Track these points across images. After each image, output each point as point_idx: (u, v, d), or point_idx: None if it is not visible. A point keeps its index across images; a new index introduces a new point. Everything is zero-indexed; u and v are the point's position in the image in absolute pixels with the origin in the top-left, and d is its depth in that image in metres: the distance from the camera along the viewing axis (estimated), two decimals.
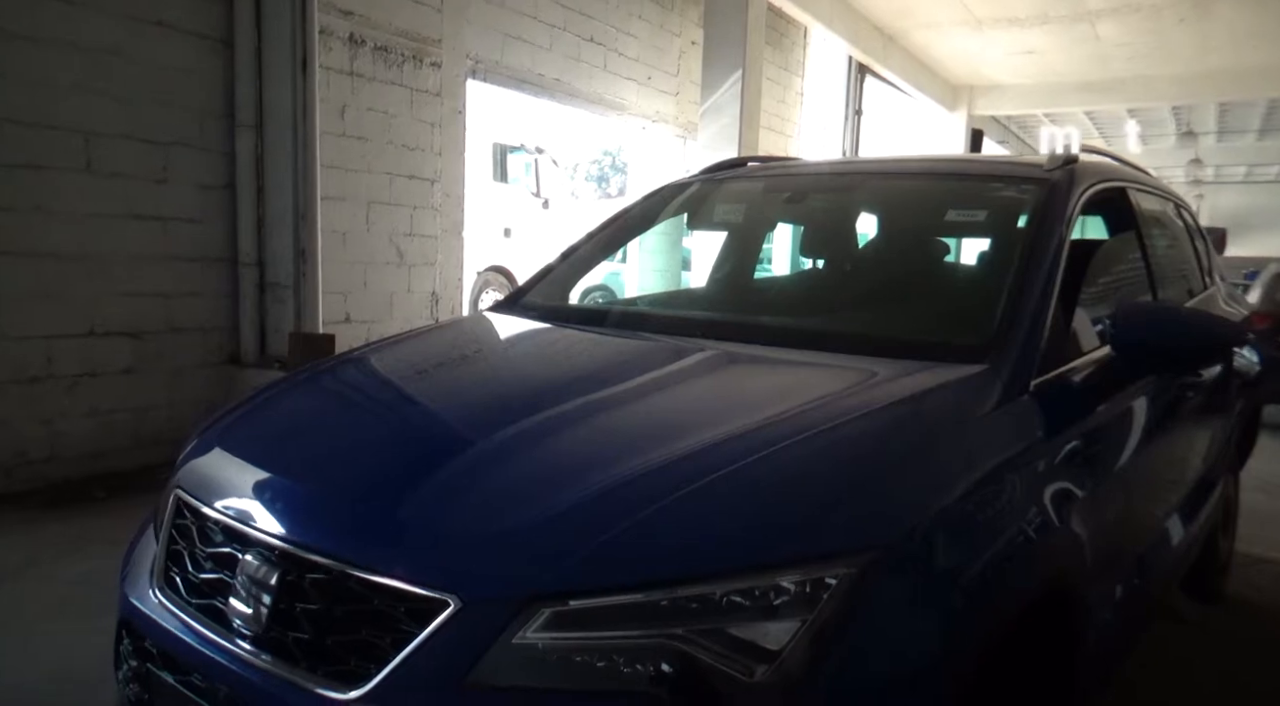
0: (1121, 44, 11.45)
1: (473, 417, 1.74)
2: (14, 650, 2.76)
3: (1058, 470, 1.71)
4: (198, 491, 1.64)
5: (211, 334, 5.09)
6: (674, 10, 8.79)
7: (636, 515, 1.30)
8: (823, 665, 1.20)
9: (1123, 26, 10.91)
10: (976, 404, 1.67)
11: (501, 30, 6.82)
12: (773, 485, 1.38)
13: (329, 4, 5.32)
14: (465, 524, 1.35)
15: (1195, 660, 3.09)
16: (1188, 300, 3.09)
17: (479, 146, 10.50)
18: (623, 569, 1.25)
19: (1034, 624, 1.57)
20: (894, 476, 1.43)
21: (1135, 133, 19.11)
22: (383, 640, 1.27)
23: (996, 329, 1.86)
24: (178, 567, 1.60)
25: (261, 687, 1.35)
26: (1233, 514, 3.77)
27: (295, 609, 1.36)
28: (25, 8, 4.12)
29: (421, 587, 1.27)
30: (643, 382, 1.87)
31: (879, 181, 2.80)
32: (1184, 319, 2.09)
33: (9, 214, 4.15)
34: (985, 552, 1.44)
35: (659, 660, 1.19)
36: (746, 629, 1.21)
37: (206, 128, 4.94)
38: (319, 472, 1.59)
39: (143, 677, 1.58)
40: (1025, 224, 2.16)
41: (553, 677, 1.21)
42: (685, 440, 1.48)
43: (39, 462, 4.37)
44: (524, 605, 1.23)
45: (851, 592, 1.24)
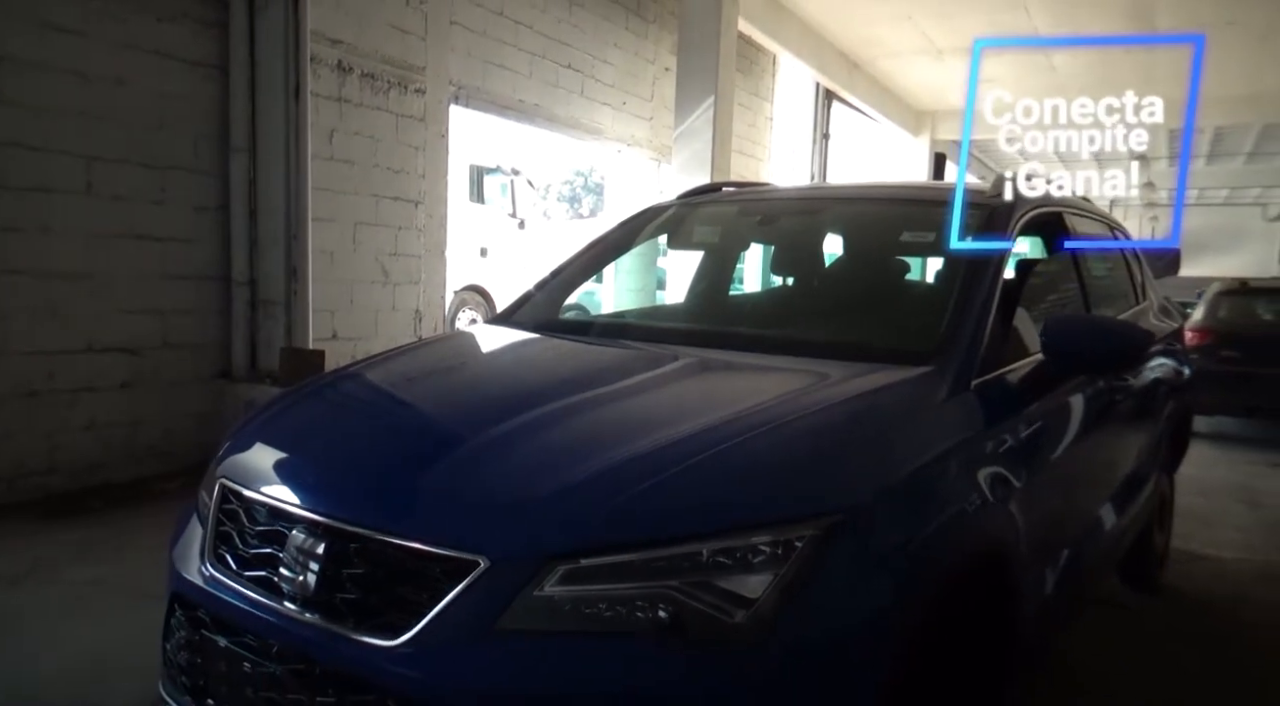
0: (1075, 74, 11.97)
1: (488, 409, 1.98)
2: (39, 644, 2.93)
3: (995, 456, 1.98)
4: (243, 480, 1.85)
5: (204, 350, 5.27)
6: (648, 38, 9.12)
7: (635, 488, 1.55)
8: (791, 610, 1.45)
9: (1075, 58, 11.42)
10: (923, 398, 1.94)
11: (483, 58, 7.08)
12: (749, 463, 1.63)
13: (318, 33, 5.55)
14: (490, 496, 1.60)
15: (1132, 643, 3.38)
16: (1120, 315, 3.40)
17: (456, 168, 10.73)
18: (625, 533, 1.49)
19: (976, 587, 1.84)
20: (852, 455, 1.70)
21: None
22: (420, 597, 1.50)
23: (942, 336, 2.15)
24: (227, 546, 1.82)
25: (313, 641, 1.57)
26: (1168, 511, 4.07)
27: (341, 574, 1.59)
28: (36, 38, 4.32)
29: (454, 550, 1.50)
30: (636, 381, 2.13)
31: (842, 206, 3.11)
32: (1103, 327, 2.40)
33: (17, 234, 4.33)
34: (930, 522, 1.71)
35: (657, 606, 1.44)
36: (729, 581, 1.46)
37: (201, 151, 5.15)
38: (356, 457, 1.82)
39: (195, 643, 1.79)
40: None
41: (568, 623, 1.45)
42: (674, 427, 1.73)
43: (39, 474, 4.52)
44: (543, 563, 1.46)
45: (815, 551, 1.49)
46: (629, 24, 8.82)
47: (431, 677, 1.44)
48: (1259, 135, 19.36)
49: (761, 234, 3.33)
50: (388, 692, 1.48)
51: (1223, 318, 8.65)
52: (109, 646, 2.92)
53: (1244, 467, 7.19)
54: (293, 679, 1.59)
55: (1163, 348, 3.62)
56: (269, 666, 1.63)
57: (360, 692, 1.51)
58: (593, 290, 10.94)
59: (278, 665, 1.61)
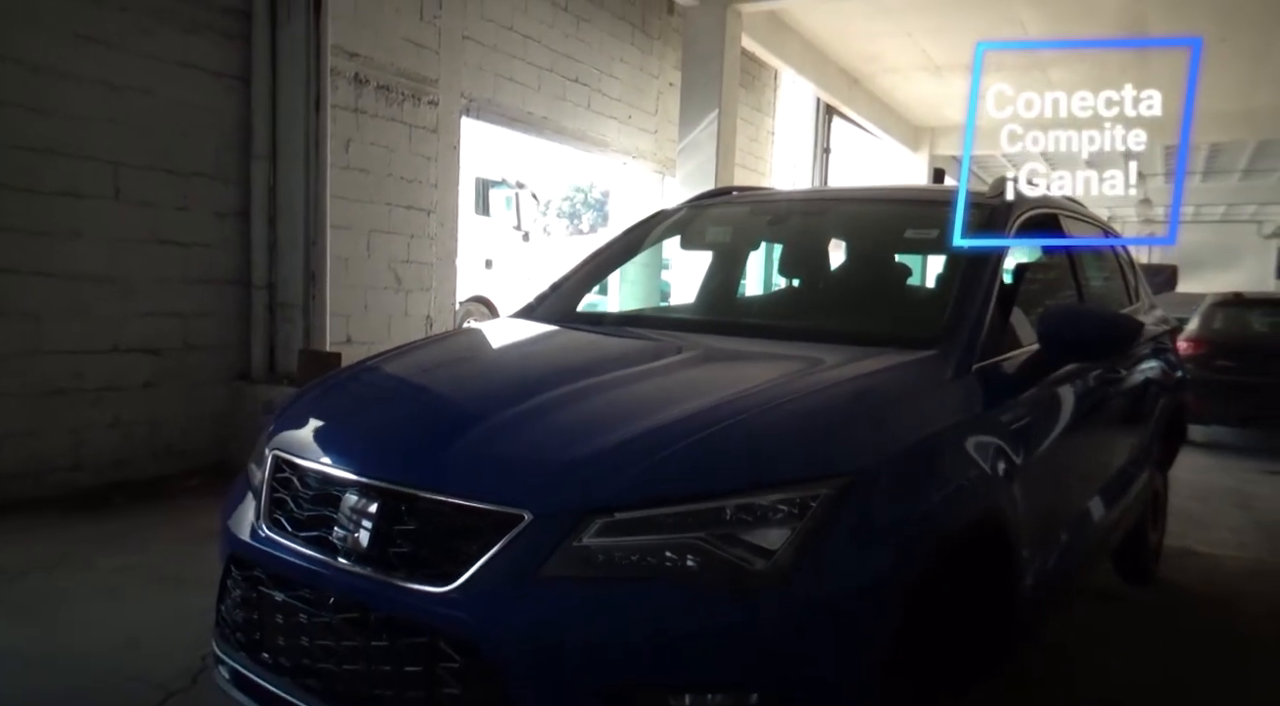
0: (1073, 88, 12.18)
1: (523, 384, 2.12)
2: (77, 622, 3.05)
3: (993, 434, 2.13)
4: (295, 451, 1.99)
5: (224, 352, 5.41)
6: (653, 54, 9.32)
7: (665, 451, 1.69)
8: (807, 561, 1.59)
9: (1072, 74, 11.62)
10: (927, 378, 2.09)
11: (494, 71, 7.27)
12: (768, 430, 1.78)
13: (337, 46, 5.72)
14: (532, 458, 1.74)
15: (1126, 630, 3.51)
16: None
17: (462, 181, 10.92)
18: (656, 489, 1.63)
19: (977, 553, 1.98)
20: (861, 425, 1.84)
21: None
22: (468, 548, 1.64)
23: (944, 323, 2.30)
24: (281, 511, 1.95)
25: (368, 590, 1.71)
26: (1162, 507, 4.21)
27: (392, 530, 1.73)
28: (70, 50, 4.49)
29: (500, 506, 1.64)
30: (660, 363, 2.28)
31: (849, 205, 3.27)
32: (1095, 316, 2.55)
33: (48, 238, 4.48)
34: (933, 488, 1.85)
35: (685, 556, 1.58)
36: (750, 534, 1.60)
37: (224, 159, 5.31)
38: (403, 427, 1.97)
39: (252, 601, 1.93)
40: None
41: (604, 570, 1.59)
42: (698, 400, 1.88)
43: (65, 470, 4.65)
44: (581, 517, 1.60)
45: (830, 508, 1.63)
46: (634, 40, 9.03)
47: (479, 618, 1.58)
48: (1254, 152, 19.60)
49: (771, 232, 3.48)
50: (438, 633, 1.61)
51: (1217, 328, 8.80)
52: (142, 625, 3.04)
53: (1238, 474, 7.32)
54: (348, 626, 1.72)
55: (1154, 347, 3.77)
56: (325, 616, 1.76)
57: (412, 635, 1.64)
58: (596, 302, 11.11)
59: (333, 614, 1.75)
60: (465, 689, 1.59)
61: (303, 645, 1.81)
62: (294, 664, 1.84)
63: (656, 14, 9.28)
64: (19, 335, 4.42)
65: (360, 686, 1.71)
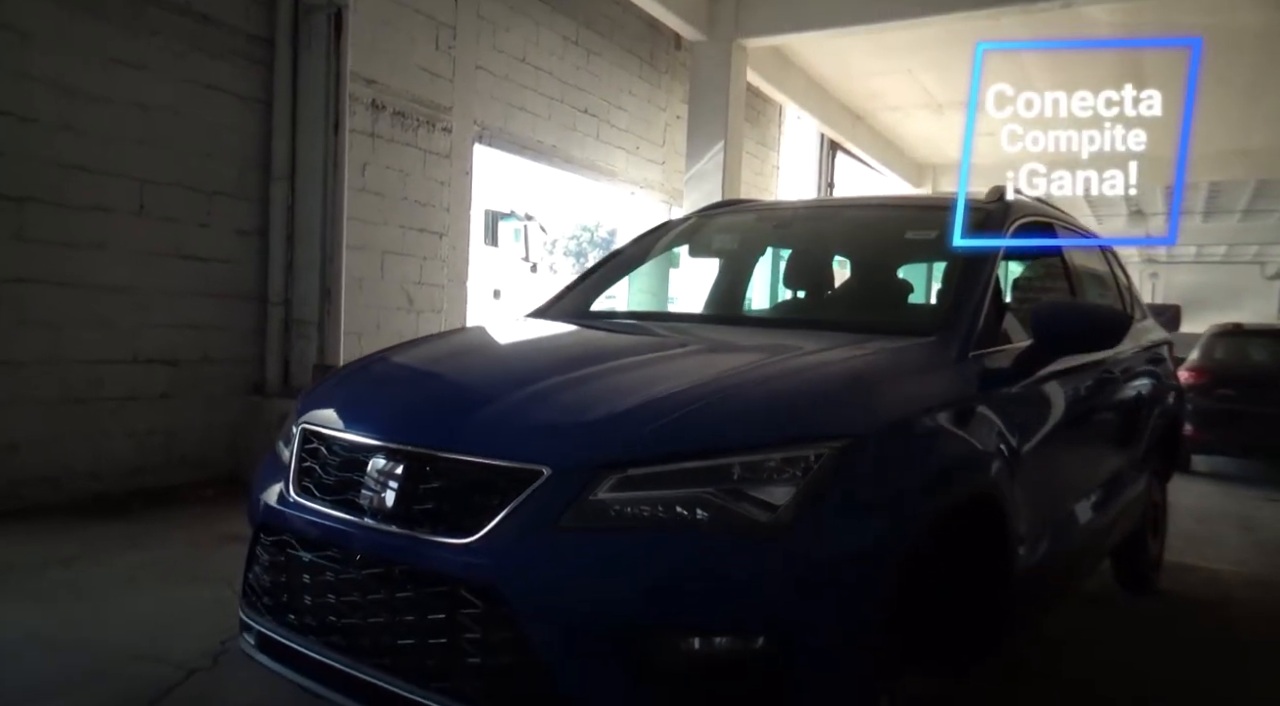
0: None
1: (540, 366, 2.24)
2: (100, 610, 3.13)
3: (988, 416, 2.23)
4: (324, 423, 2.10)
5: (240, 365, 5.53)
6: (660, 88, 9.56)
7: (676, 413, 1.80)
8: (809, 516, 1.68)
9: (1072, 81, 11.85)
10: (926, 359, 2.21)
11: (505, 100, 7.48)
12: (775, 396, 1.89)
13: (355, 73, 5.91)
14: (551, 420, 1.85)
15: (1126, 629, 3.57)
16: None
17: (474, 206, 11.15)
18: (668, 447, 1.73)
19: (973, 525, 2.07)
20: (861, 395, 1.95)
21: (1089, 211, 20.20)
22: (489, 503, 1.73)
23: (943, 314, 2.41)
24: (309, 479, 2.05)
25: (393, 545, 1.80)
26: (1162, 518, 4.27)
27: (417, 490, 1.82)
28: (103, 73, 4.67)
29: (521, 463, 1.74)
30: (673, 350, 2.41)
31: (855, 211, 3.40)
32: (1084, 309, 2.67)
33: (75, 250, 4.62)
34: (929, 456, 1.96)
35: (695, 508, 1.67)
36: (756, 489, 1.70)
37: (245, 178, 5.48)
38: (428, 398, 2.09)
39: (280, 564, 2.02)
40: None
41: (618, 522, 1.68)
42: (709, 373, 1.99)
43: (84, 477, 4.74)
44: (597, 472, 1.70)
45: (831, 468, 1.73)
46: (642, 73, 9.27)
47: (499, 565, 1.67)
48: (1253, 192, 19.79)
49: (778, 236, 3.61)
50: (460, 581, 1.70)
51: (1218, 358, 8.89)
52: (161, 614, 3.12)
53: (1241, 501, 7.37)
54: (373, 580, 1.81)
55: (1150, 357, 3.87)
56: (351, 572, 1.85)
57: (435, 585, 1.73)
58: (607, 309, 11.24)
59: (359, 570, 1.84)
60: (485, 632, 1.67)
61: (328, 603, 1.90)
62: (319, 622, 1.92)
63: (664, 49, 9.54)
64: (44, 344, 4.54)
65: (383, 638, 1.79)
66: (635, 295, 9.05)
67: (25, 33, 4.35)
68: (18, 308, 4.43)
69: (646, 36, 9.23)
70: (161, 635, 2.88)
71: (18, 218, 4.40)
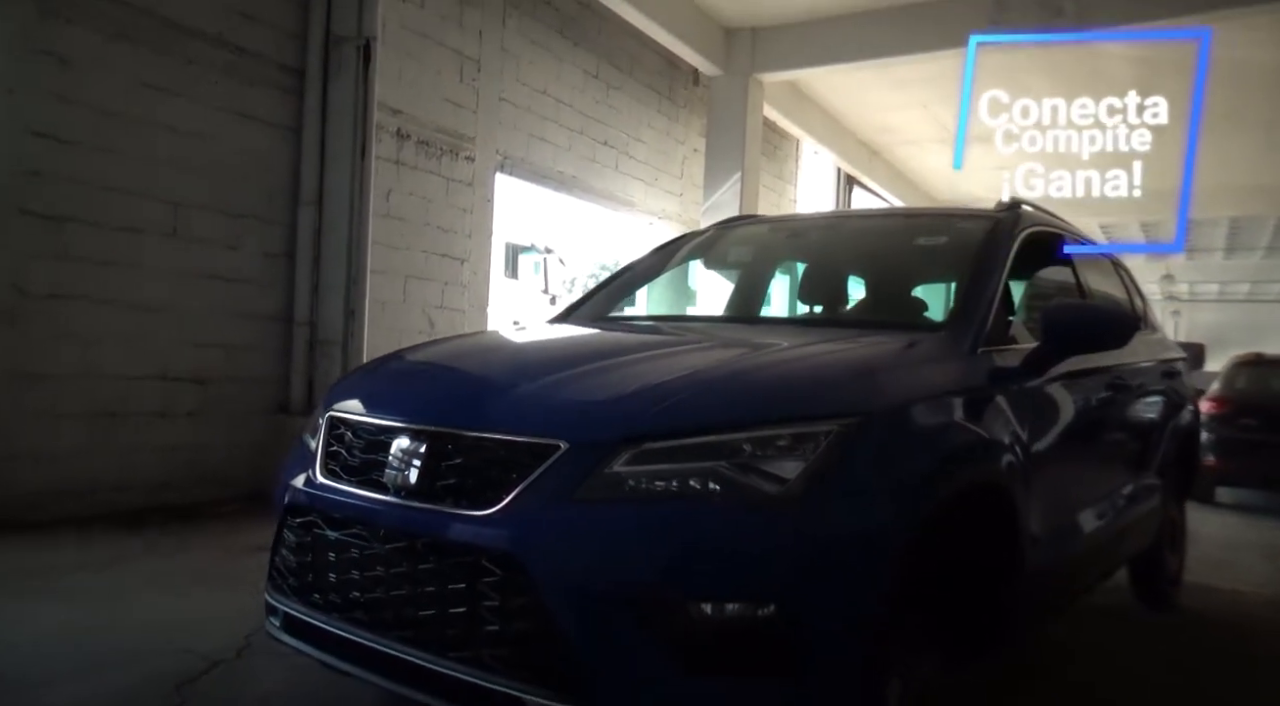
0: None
1: (559, 358, 2.32)
2: (128, 609, 3.21)
3: (997, 408, 2.27)
4: (350, 410, 2.18)
5: (265, 385, 5.64)
6: (679, 122, 9.75)
7: (691, 392, 1.87)
8: (818, 490, 1.74)
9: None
10: (934, 351, 2.28)
11: (527, 131, 7.66)
12: (786, 379, 1.97)
13: (381, 103, 6.10)
14: (570, 399, 1.93)
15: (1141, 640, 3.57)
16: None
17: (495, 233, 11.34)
18: (682, 422, 1.80)
19: (982, 513, 2.11)
20: (869, 378, 2.02)
21: (1103, 236, 20.20)
22: (508, 477, 1.80)
23: (953, 312, 2.48)
24: (335, 462, 2.12)
25: (416, 520, 1.86)
26: (1180, 534, 4.25)
27: (439, 467, 1.89)
28: (138, 97, 4.86)
29: (539, 437, 1.81)
30: (690, 344, 2.48)
31: (871, 220, 3.49)
32: (1093, 309, 2.72)
33: (110, 268, 4.77)
34: (939, 438, 2.01)
35: (708, 481, 1.73)
36: (767, 464, 1.75)
37: (274, 203, 5.64)
38: (450, 385, 2.18)
39: (306, 544, 2.08)
40: (978, 246, 2.78)
41: (633, 494, 1.74)
42: (723, 360, 2.06)
43: (112, 490, 4.83)
44: (613, 447, 1.76)
45: (840, 443, 1.78)
46: (661, 107, 9.46)
47: (517, 535, 1.73)
48: (1275, 229, 19.74)
49: (794, 244, 3.67)
50: (480, 551, 1.76)
51: (1240, 388, 8.85)
52: (187, 612, 3.19)
53: (1265, 531, 7.31)
54: (396, 554, 1.88)
55: (1164, 371, 3.89)
56: (375, 547, 1.91)
57: (456, 556, 1.79)
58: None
59: (383, 545, 1.90)
60: (504, 600, 1.73)
61: (352, 579, 1.96)
62: (343, 599, 1.98)
63: (682, 84, 9.74)
64: (78, 358, 4.67)
65: (405, 610, 1.85)
66: (654, 305, 9.16)
67: (66, 59, 4.54)
68: (55, 322, 4.56)
69: (665, 72, 9.44)
70: (187, 631, 2.94)
71: (58, 236, 4.56)
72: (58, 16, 4.50)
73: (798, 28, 8.76)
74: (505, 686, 1.71)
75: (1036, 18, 7.84)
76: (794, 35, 8.80)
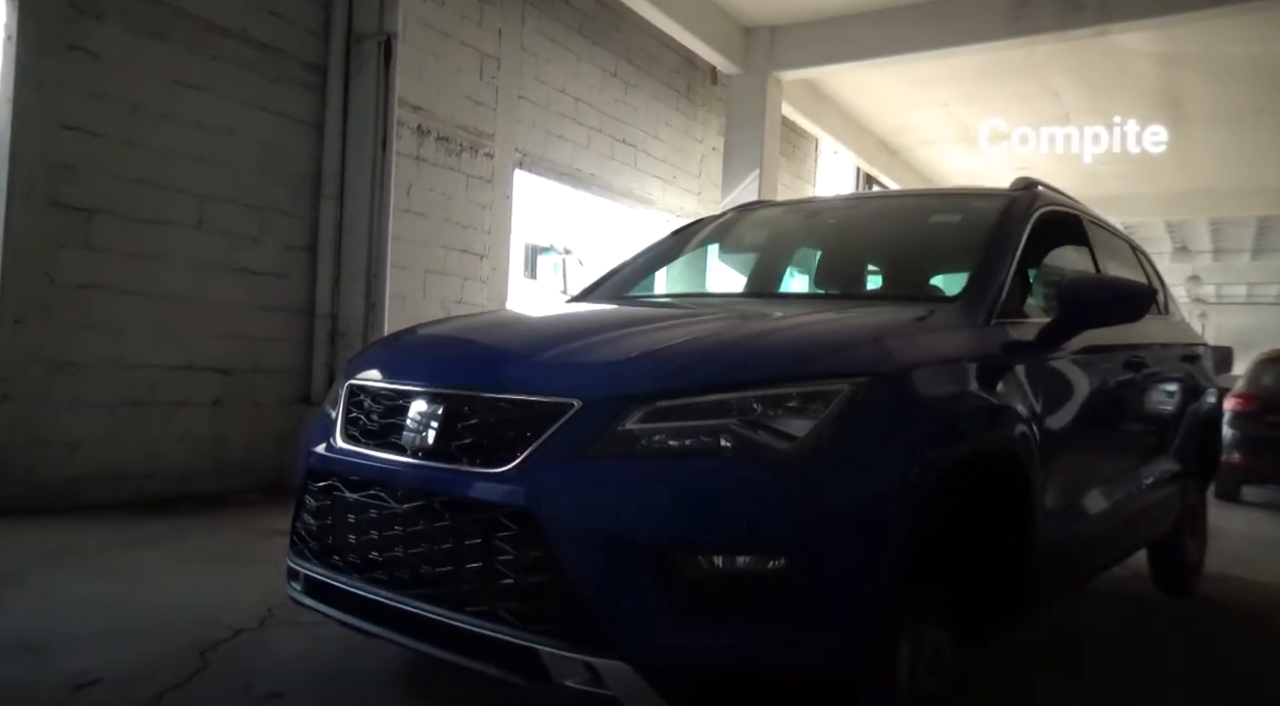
0: (1107, 163, 12.40)
1: (575, 328, 2.35)
2: (159, 585, 3.27)
3: (1010, 378, 2.28)
4: (370, 378, 2.23)
5: (287, 376, 5.71)
6: (697, 120, 9.78)
7: (703, 352, 1.91)
8: (827, 447, 1.76)
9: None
10: (947, 320, 2.29)
11: (546, 129, 7.72)
12: (798, 341, 2.00)
13: (402, 99, 6.17)
14: (584, 360, 1.96)
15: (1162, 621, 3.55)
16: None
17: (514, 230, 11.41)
18: (693, 381, 1.83)
19: (994, 479, 2.12)
20: (883, 341, 2.04)
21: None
22: (523, 435, 1.83)
23: (967, 284, 2.48)
24: (355, 428, 2.17)
25: (433, 479, 1.90)
26: (1201, 522, 4.21)
27: (456, 427, 1.93)
28: (166, 93, 4.95)
29: (554, 396, 1.84)
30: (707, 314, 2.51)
31: (887, 200, 3.51)
32: (1107, 281, 2.72)
33: (138, 259, 4.86)
34: (950, 401, 2.02)
35: (719, 437, 1.75)
36: (777, 422, 1.78)
37: (296, 197, 5.72)
38: (468, 351, 2.23)
39: (326, 506, 2.13)
40: (993, 222, 2.79)
41: (646, 450, 1.77)
42: (742, 324, 2.11)
43: (137, 478, 4.92)
44: (626, 404, 1.79)
45: (850, 402, 1.80)
46: (679, 106, 9.50)
47: (532, 489, 1.76)
48: None
49: (811, 225, 3.67)
50: (496, 507, 1.79)
51: (1266, 385, 8.74)
52: (212, 588, 3.25)
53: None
54: (414, 513, 1.91)
55: (1184, 355, 3.87)
56: (393, 507, 1.95)
57: (473, 512, 1.83)
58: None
59: (401, 504, 1.94)
60: (518, 553, 1.76)
61: (371, 540, 2.00)
62: (362, 560, 2.02)
63: (700, 84, 9.78)
64: (106, 347, 4.76)
65: (423, 568, 1.89)
66: (672, 286, 9.19)
67: (96, 55, 4.64)
68: (84, 312, 4.65)
69: (683, 71, 9.48)
70: (212, 604, 3.00)
71: (86, 227, 4.65)
72: (88, 13, 4.60)
73: (816, 25, 8.77)
74: (521, 638, 1.74)
75: (1057, 13, 7.81)
76: (812, 33, 8.81)
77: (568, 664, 1.70)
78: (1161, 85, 10.03)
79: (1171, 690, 2.77)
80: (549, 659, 1.71)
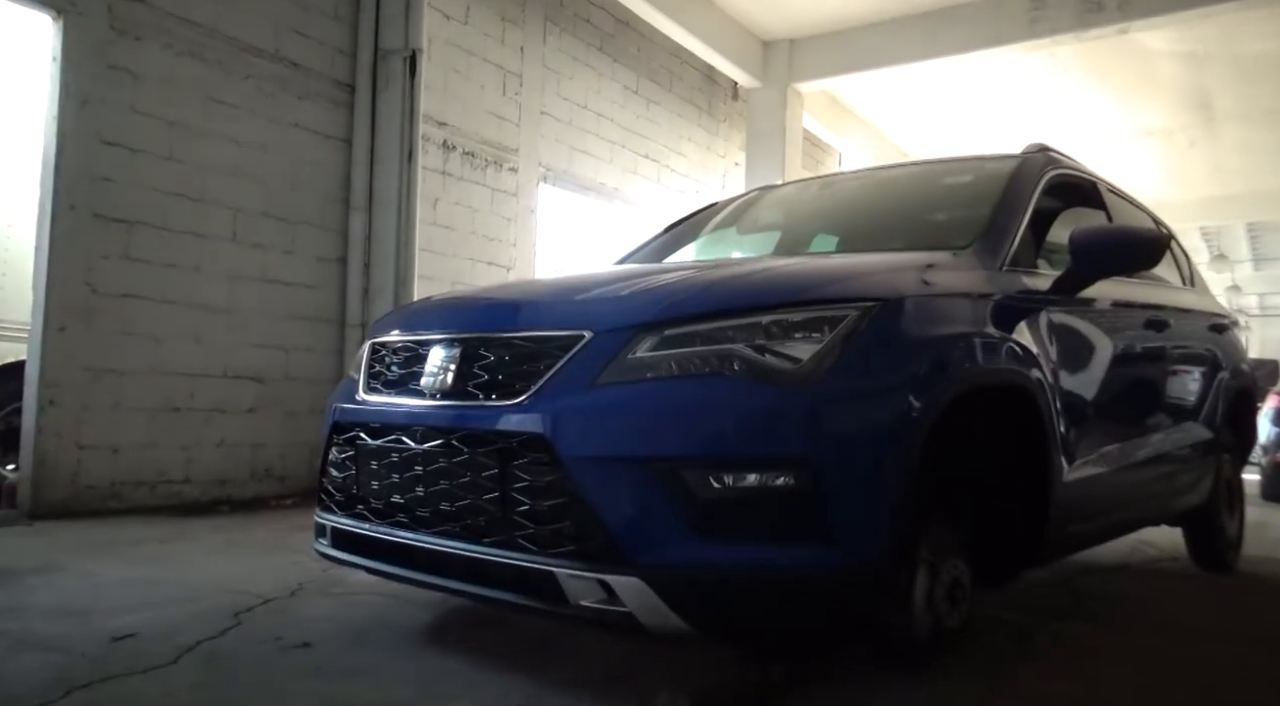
0: (1140, 167, 12.30)
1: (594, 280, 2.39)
2: (194, 570, 3.33)
3: (1017, 313, 2.30)
4: (391, 336, 2.30)
5: (319, 385, 5.81)
6: (719, 136, 9.90)
7: (712, 285, 1.96)
8: (833, 368, 1.79)
9: (1138, 149, 11.79)
10: (957, 263, 2.31)
11: (569, 144, 7.86)
12: (807, 271, 2.04)
13: (428, 115, 6.35)
14: (595, 297, 2.03)
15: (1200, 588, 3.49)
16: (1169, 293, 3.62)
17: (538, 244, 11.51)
18: (702, 308, 1.87)
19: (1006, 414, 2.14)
20: (889, 274, 2.08)
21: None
22: (536, 368, 1.89)
23: (978, 233, 2.51)
24: (377, 380, 2.24)
25: (451, 416, 1.96)
26: (1238, 497, 4.13)
27: (471, 368, 1.99)
28: (201, 110, 5.15)
29: (565, 330, 1.90)
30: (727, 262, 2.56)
31: (904, 169, 3.57)
32: (1120, 229, 2.72)
33: (175, 270, 5.02)
34: (954, 331, 2.04)
35: (728, 360, 1.79)
36: (783, 345, 1.82)
37: (326, 210, 5.88)
38: (481, 302, 2.29)
39: (350, 455, 2.19)
40: (1006, 178, 2.81)
41: (655, 375, 1.81)
42: (756, 262, 2.15)
43: (176, 483, 5.04)
44: (635, 333, 1.85)
45: (856, 326, 1.84)
46: (701, 122, 9.62)
47: (546, 416, 1.81)
48: None
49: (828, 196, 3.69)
50: (511, 436, 1.85)
51: None
52: (246, 569, 3.31)
53: None
54: (434, 452, 1.97)
55: (1213, 324, 3.84)
56: (414, 448, 2.01)
57: (490, 444, 1.88)
58: None
59: (421, 444, 2.00)
60: (534, 479, 1.80)
61: (393, 483, 2.06)
62: (385, 504, 2.08)
63: (721, 99, 9.91)
64: (146, 355, 4.91)
65: (442, 503, 1.94)
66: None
67: (136, 74, 4.84)
68: (124, 320, 4.81)
69: (704, 87, 9.62)
70: (245, 581, 3.06)
71: (126, 239, 4.82)
72: (128, 35, 4.81)
73: (834, 36, 8.86)
74: (538, 563, 1.78)
75: (1076, 12, 7.82)
76: (830, 43, 8.90)
77: (583, 584, 1.73)
78: (1188, 86, 9.97)
79: (1203, 642, 2.73)
80: (565, 580, 1.75)
